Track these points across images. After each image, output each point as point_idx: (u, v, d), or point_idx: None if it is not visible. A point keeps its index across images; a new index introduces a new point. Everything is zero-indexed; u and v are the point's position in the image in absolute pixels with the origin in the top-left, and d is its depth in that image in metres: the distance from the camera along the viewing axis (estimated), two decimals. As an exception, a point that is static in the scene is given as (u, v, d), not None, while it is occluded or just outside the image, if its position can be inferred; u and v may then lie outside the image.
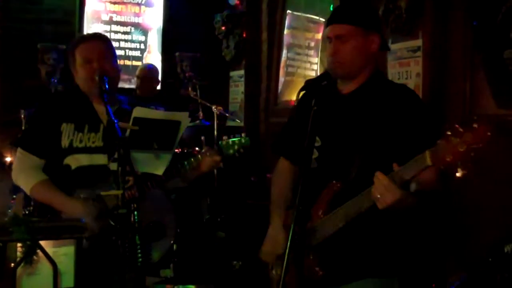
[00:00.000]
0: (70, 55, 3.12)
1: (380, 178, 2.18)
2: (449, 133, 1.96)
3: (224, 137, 3.12)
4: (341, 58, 2.48)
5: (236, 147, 3.07)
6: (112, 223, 2.79)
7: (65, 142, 3.02)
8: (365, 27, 2.50)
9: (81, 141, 3.03)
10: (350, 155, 2.47)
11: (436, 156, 2.02)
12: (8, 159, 6.18)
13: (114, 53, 3.19)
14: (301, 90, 2.41)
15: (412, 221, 2.60)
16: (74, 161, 3.01)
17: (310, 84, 2.42)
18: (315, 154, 2.51)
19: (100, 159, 3.02)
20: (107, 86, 2.88)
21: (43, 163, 3.06)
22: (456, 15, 3.93)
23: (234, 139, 3.10)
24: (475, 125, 1.93)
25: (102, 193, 2.76)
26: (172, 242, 4.83)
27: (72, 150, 3.01)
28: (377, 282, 2.49)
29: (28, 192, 3.09)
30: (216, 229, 5.69)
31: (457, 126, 1.94)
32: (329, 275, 2.49)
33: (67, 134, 3.02)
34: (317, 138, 2.52)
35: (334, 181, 2.46)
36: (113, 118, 2.69)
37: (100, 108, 3.04)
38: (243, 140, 3.08)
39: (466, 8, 3.84)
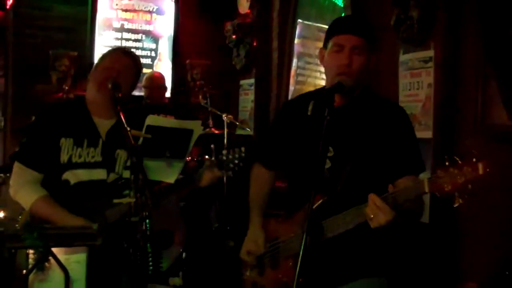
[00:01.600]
0: (101, 57, 3.12)
1: (374, 200, 2.22)
2: (447, 163, 2.04)
3: (224, 152, 3.11)
4: (353, 69, 2.47)
5: (236, 161, 3.05)
6: (113, 238, 2.79)
7: (64, 157, 2.97)
8: (371, 44, 2.52)
9: (80, 156, 2.98)
10: (337, 169, 2.49)
11: (435, 185, 2.08)
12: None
13: (136, 81, 3.17)
14: (313, 99, 2.42)
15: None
16: (73, 176, 2.97)
17: (323, 94, 2.42)
18: (328, 164, 2.51)
19: (99, 174, 2.99)
20: (119, 94, 2.87)
21: (42, 178, 3.01)
22: (468, 26, 3.94)
23: (234, 154, 3.08)
24: (474, 160, 2.01)
25: (115, 200, 2.76)
26: (181, 250, 4.84)
27: (71, 165, 2.97)
28: (370, 282, 2.52)
29: (27, 208, 3.01)
30: (225, 238, 5.68)
31: (456, 158, 2.03)
32: (322, 278, 2.52)
33: (66, 149, 2.98)
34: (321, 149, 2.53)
35: (320, 194, 2.45)
36: (125, 126, 2.68)
37: (100, 122, 3.04)
38: (242, 154, 3.07)
39: (478, 19, 3.84)
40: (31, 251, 2.47)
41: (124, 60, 3.08)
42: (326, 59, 2.54)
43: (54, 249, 2.48)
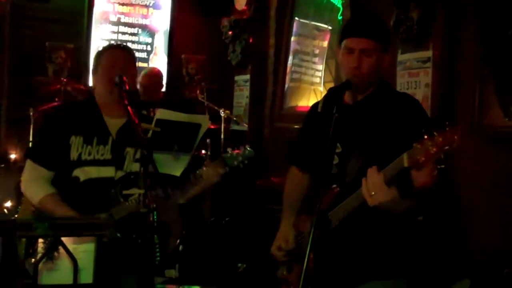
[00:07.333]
0: (97, 57, 3.16)
1: (373, 175, 2.25)
2: (425, 136, 2.06)
3: (228, 149, 3.14)
4: (362, 71, 2.52)
5: (240, 158, 3.07)
6: (118, 235, 2.84)
7: (74, 155, 3.04)
8: (383, 45, 2.57)
9: (89, 154, 3.04)
10: (351, 160, 2.54)
11: (412, 158, 2.12)
12: (13, 156, 6.23)
13: (135, 71, 3.25)
14: (324, 97, 2.47)
15: (414, 221, 2.70)
16: (83, 173, 3.03)
17: (332, 92, 2.48)
18: (335, 160, 2.57)
19: (108, 171, 3.04)
20: (127, 87, 2.92)
21: (52, 175, 3.09)
22: (467, 28, 4.00)
23: (239, 151, 3.11)
24: (446, 129, 2.03)
25: (124, 191, 2.80)
26: (177, 242, 4.89)
27: (81, 162, 3.04)
28: (383, 284, 2.54)
29: (35, 203, 3.09)
30: (220, 231, 5.72)
31: (433, 131, 2.05)
32: (334, 279, 2.56)
33: (76, 147, 3.04)
34: (338, 145, 2.58)
35: (334, 186, 2.52)
36: (134, 119, 2.72)
37: (110, 121, 3.09)
38: (247, 152, 3.10)
39: (477, 21, 3.91)
40: (40, 240, 2.51)
41: (124, 57, 3.13)
42: (340, 58, 2.61)
43: (63, 239, 2.52)
